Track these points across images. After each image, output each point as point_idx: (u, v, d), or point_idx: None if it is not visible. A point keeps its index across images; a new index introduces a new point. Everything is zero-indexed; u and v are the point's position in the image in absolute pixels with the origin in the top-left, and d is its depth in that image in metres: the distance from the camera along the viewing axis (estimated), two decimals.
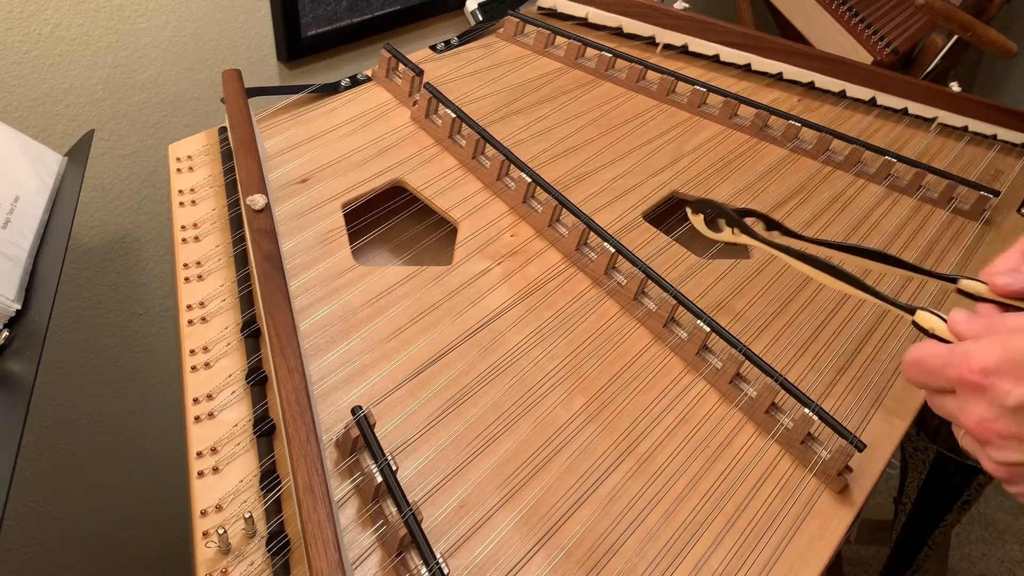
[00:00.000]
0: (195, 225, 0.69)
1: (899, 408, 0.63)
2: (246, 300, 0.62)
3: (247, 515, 0.47)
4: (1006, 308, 0.46)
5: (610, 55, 0.94)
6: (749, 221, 0.59)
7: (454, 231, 0.73)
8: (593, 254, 0.69)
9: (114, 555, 1.17)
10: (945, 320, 0.45)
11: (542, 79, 0.94)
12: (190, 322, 0.61)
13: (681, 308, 0.63)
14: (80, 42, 0.84)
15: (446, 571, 0.45)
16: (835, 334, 0.68)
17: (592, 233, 0.69)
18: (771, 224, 0.59)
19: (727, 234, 0.60)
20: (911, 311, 0.48)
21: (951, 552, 1.49)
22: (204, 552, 0.47)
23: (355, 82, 0.88)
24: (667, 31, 1.02)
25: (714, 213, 0.61)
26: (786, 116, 0.89)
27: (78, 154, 0.74)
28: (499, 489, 0.53)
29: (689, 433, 0.58)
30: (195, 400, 0.55)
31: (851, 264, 0.53)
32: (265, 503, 0.49)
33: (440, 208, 0.74)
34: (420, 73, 0.84)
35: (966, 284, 0.48)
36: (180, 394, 0.56)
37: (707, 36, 1.02)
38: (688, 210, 0.62)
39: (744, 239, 0.58)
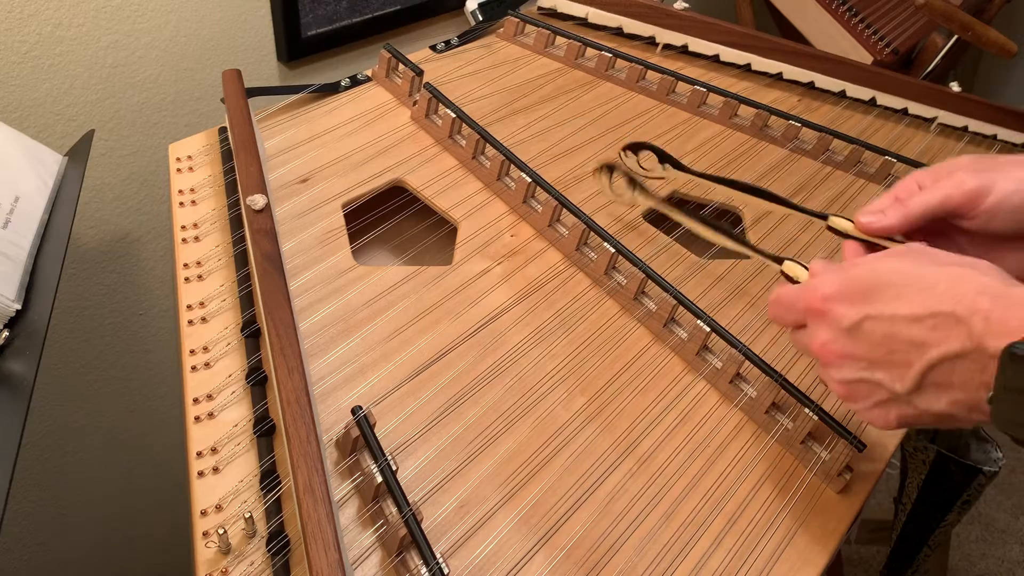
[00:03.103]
0: (195, 225, 0.69)
1: None
2: (246, 300, 0.62)
3: (247, 515, 0.47)
4: (870, 247, 0.52)
5: (610, 55, 0.94)
6: (643, 157, 0.67)
7: (454, 231, 0.73)
8: (593, 254, 0.69)
9: (114, 555, 1.17)
10: (808, 269, 0.51)
11: (542, 79, 0.94)
12: (190, 322, 0.61)
13: (681, 308, 0.63)
14: (80, 42, 0.84)
15: (446, 571, 0.45)
16: None
17: (592, 233, 0.69)
18: (663, 157, 0.66)
19: (628, 197, 0.68)
20: (779, 261, 0.54)
21: (951, 552, 1.49)
22: (204, 552, 0.47)
23: (355, 82, 0.88)
24: (667, 31, 1.02)
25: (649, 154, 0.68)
26: (786, 116, 0.89)
27: (78, 154, 0.74)
28: (499, 489, 0.53)
29: (689, 433, 0.58)
30: (195, 400, 0.55)
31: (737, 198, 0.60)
32: (265, 503, 0.49)
33: (440, 208, 0.74)
34: (420, 73, 0.84)
35: (835, 221, 0.54)
36: (180, 394, 0.56)
37: (707, 36, 1.02)
38: (621, 153, 0.68)
39: (642, 200, 0.65)
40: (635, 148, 0.67)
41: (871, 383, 0.44)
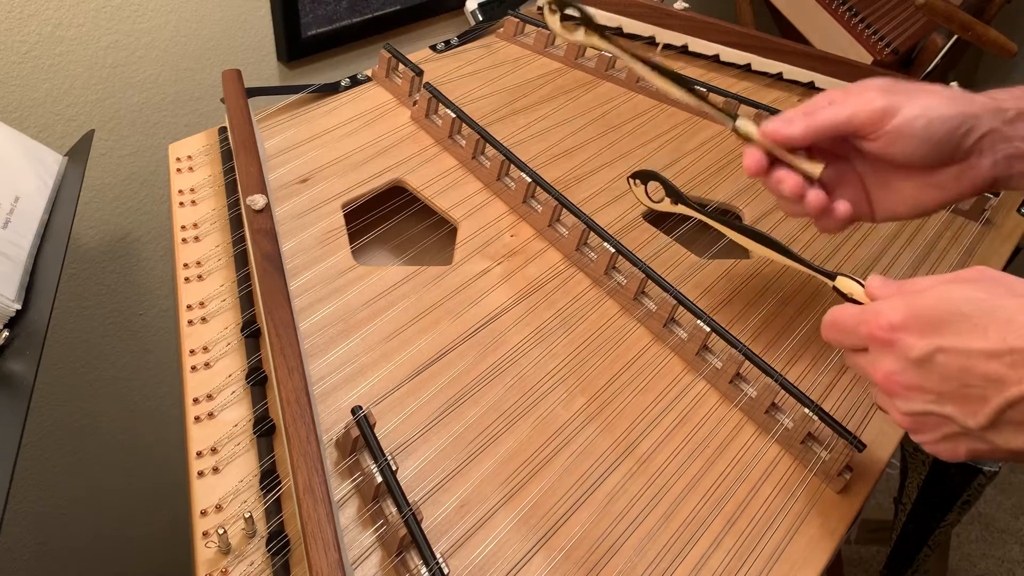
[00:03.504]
0: (195, 225, 0.69)
1: None
2: (246, 300, 0.62)
3: (247, 515, 0.47)
4: (772, 158, 0.54)
5: (610, 55, 0.94)
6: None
7: (454, 231, 0.73)
8: (593, 254, 0.69)
9: (114, 555, 1.17)
10: (863, 285, 0.48)
11: (542, 79, 0.94)
12: (190, 322, 0.61)
13: (681, 308, 0.63)
14: (80, 42, 0.84)
15: (446, 571, 0.45)
16: None
17: (592, 233, 0.69)
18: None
19: (666, 204, 0.66)
20: (832, 277, 0.52)
21: (951, 552, 1.49)
22: (204, 552, 0.47)
23: (355, 82, 0.88)
24: (667, 31, 1.02)
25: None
26: None
27: (78, 154, 0.74)
28: (499, 489, 0.53)
29: (689, 433, 0.58)
30: (195, 400, 0.55)
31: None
32: (265, 503, 0.49)
33: (440, 208, 0.74)
34: (420, 73, 0.84)
35: (741, 124, 0.54)
36: (180, 394, 0.56)
37: (707, 36, 1.02)
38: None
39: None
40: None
41: (940, 416, 0.42)
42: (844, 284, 0.50)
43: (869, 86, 0.52)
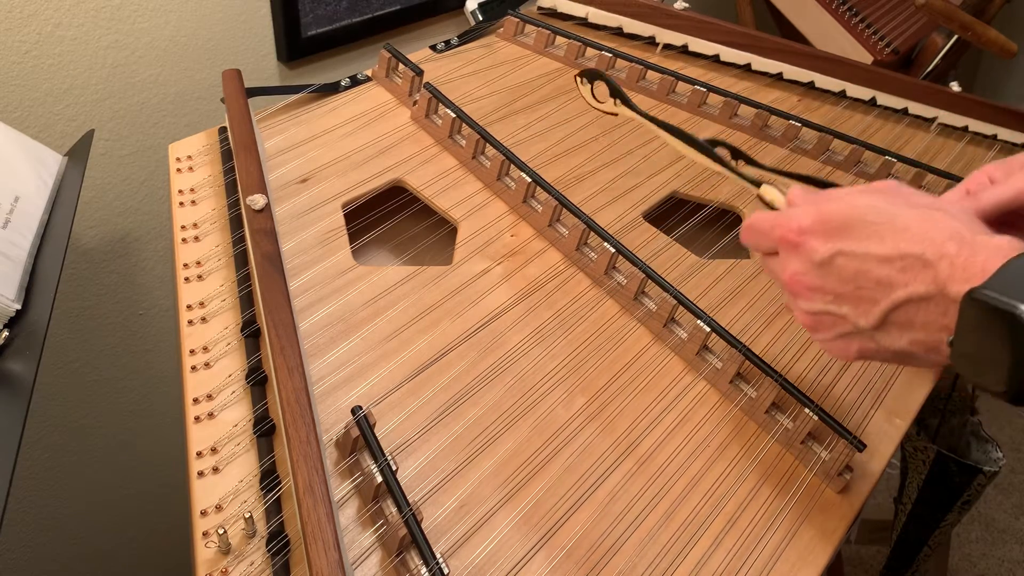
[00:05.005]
0: (195, 225, 0.69)
1: (899, 408, 0.63)
2: (246, 300, 0.62)
3: (247, 515, 0.47)
4: None
5: (610, 55, 0.94)
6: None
7: (454, 231, 0.73)
8: (593, 254, 0.69)
9: (114, 555, 1.17)
10: (785, 195, 0.51)
11: (542, 79, 0.94)
12: (190, 322, 0.61)
13: (681, 308, 0.63)
14: (80, 42, 0.84)
15: (446, 571, 0.45)
16: None
17: (592, 233, 0.69)
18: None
19: (609, 105, 0.65)
20: (757, 184, 0.53)
21: (951, 552, 1.49)
22: (204, 552, 0.47)
23: (355, 82, 0.88)
24: (667, 31, 1.02)
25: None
26: (786, 116, 0.89)
27: (78, 154, 0.74)
28: (499, 489, 0.53)
29: (689, 433, 0.58)
30: (195, 400, 0.55)
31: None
32: (265, 503, 0.49)
33: (440, 208, 0.74)
34: (420, 73, 0.84)
35: (766, 191, 0.54)
36: (180, 394, 0.56)
37: (707, 36, 1.02)
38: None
39: (623, 110, 0.63)
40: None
41: (836, 316, 0.45)
42: (768, 192, 0.52)
43: None
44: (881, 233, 0.42)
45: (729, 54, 1.01)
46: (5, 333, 0.56)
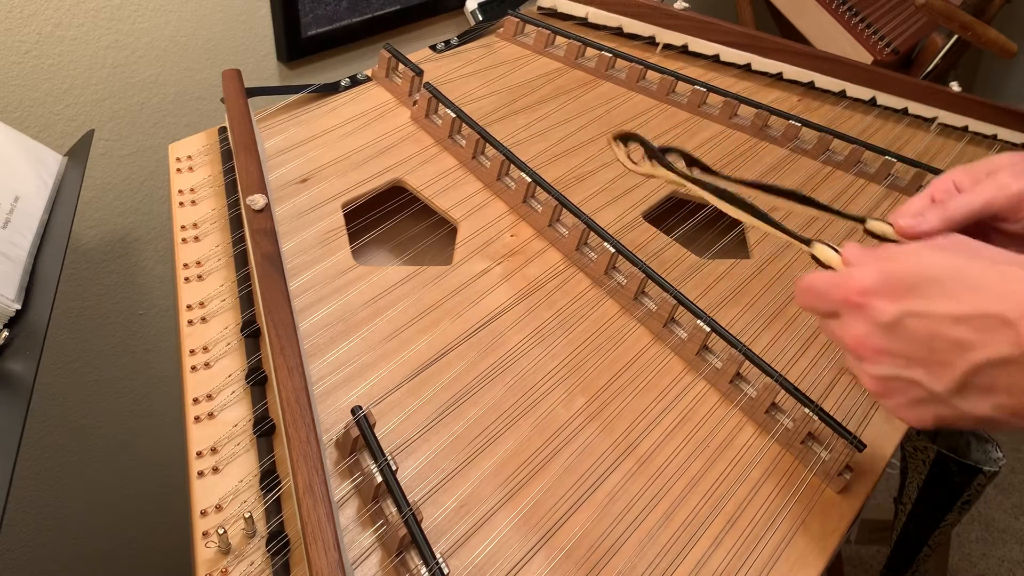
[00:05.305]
0: (195, 225, 0.69)
1: None
2: (246, 300, 0.62)
3: (247, 515, 0.47)
4: None
5: (610, 55, 0.94)
6: (671, 158, 0.61)
7: (454, 231, 0.73)
8: (593, 254, 0.69)
9: (114, 555, 1.17)
10: (839, 253, 0.48)
11: (542, 79, 0.94)
12: (190, 322, 0.61)
13: (681, 308, 0.63)
14: (80, 42, 0.84)
15: (446, 571, 0.45)
16: None
17: (592, 233, 0.69)
18: (691, 161, 0.61)
19: (646, 167, 0.61)
20: (808, 243, 0.51)
21: (951, 552, 1.49)
22: (204, 552, 0.47)
23: (355, 82, 0.88)
24: (667, 31, 1.02)
25: (640, 147, 0.62)
26: (786, 116, 0.89)
27: (78, 154, 0.74)
28: (499, 489, 0.53)
29: (689, 433, 0.58)
30: (195, 400, 0.55)
31: (763, 202, 0.56)
32: (265, 503, 0.49)
33: (440, 208, 0.74)
34: (420, 73, 0.84)
35: (873, 225, 0.51)
36: (180, 394, 0.56)
37: (707, 36, 1.02)
38: (611, 138, 0.64)
39: (662, 172, 0.60)
40: (624, 139, 0.64)
41: (908, 381, 0.42)
42: (820, 251, 0.50)
43: (997, 165, 0.49)
44: (953, 291, 0.40)
45: (729, 54, 1.01)
46: (5, 333, 0.56)
